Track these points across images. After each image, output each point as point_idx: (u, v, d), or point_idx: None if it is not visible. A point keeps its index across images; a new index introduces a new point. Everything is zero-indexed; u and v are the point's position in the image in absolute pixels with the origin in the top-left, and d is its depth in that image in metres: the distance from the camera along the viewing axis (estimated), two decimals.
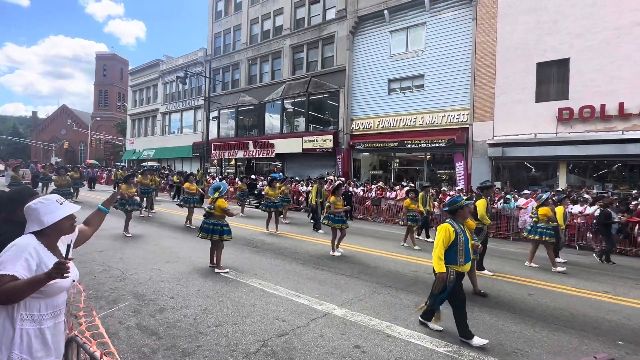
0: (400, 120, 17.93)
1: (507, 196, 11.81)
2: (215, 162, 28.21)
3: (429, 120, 17.01)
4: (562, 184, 13.84)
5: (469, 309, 4.09)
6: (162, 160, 33.40)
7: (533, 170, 15.34)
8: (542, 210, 7.53)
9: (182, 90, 31.15)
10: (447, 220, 4.10)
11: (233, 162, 27.69)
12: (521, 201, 11.48)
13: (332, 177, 15.65)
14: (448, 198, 4.83)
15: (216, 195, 6.24)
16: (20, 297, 1.65)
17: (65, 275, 1.66)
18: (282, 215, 12.25)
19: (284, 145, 22.31)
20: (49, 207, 1.86)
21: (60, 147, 55.67)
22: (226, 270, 6.13)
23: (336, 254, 7.75)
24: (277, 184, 11.61)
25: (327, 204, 8.24)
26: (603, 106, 12.80)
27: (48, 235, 1.86)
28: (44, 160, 44.41)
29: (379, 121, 18.72)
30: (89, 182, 22.45)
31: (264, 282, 5.69)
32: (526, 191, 12.58)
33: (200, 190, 11.93)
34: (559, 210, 8.01)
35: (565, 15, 13.69)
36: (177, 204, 11.20)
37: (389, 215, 14.21)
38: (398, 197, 13.94)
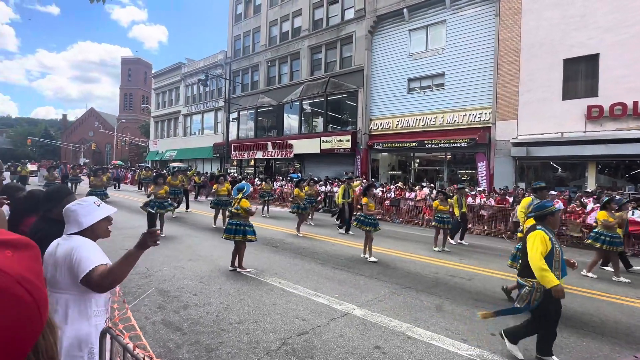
0: (420, 119, 17.67)
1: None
2: (235, 162, 28.67)
3: (449, 119, 16.69)
4: (591, 185, 13.29)
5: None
6: (184, 160, 34.22)
7: (560, 170, 14.80)
8: (599, 215, 7.11)
9: (203, 92, 31.81)
10: (539, 227, 3.60)
11: (252, 162, 28.06)
12: None
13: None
14: (536, 203, 4.51)
15: (240, 196, 6.35)
16: (122, 276, 1.74)
17: (157, 242, 1.79)
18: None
19: (302, 146, 22.42)
20: (87, 208, 1.94)
21: (88, 148, 58.03)
22: (248, 269, 6.23)
23: (365, 255, 7.51)
24: (302, 184, 11.72)
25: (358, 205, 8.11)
26: (636, 103, 12.21)
27: (87, 237, 1.95)
28: (73, 161, 46.41)
29: (398, 121, 18.53)
30: (114, 181, 23.31)
31: (284, 281, 5.76)
32: (552, 192, 12.15)
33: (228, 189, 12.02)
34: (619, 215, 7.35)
35: (594, 9, 13.15)
36: (211, 207, 11.39)
37: (408, 216, 14.05)
38: (417, 198, 13.77)
